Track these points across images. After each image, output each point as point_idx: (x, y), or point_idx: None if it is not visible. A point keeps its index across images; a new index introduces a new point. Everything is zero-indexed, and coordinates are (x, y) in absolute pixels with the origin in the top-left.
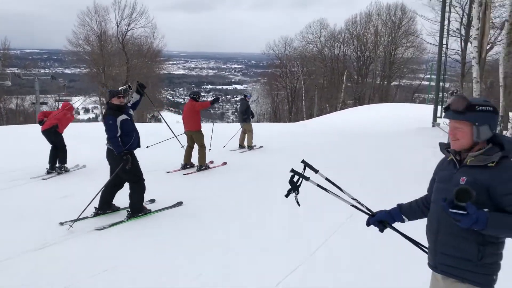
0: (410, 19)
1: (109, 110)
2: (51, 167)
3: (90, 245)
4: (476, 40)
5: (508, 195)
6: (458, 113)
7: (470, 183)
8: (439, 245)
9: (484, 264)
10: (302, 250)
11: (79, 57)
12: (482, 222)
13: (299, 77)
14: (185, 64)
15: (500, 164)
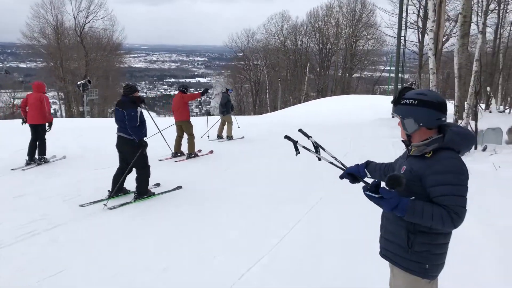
0: (370, 12)
1: (130, 103)
2: (30, 159)
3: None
4: (432, 32)
5: (435, 187)
6: (395, 107)
7: (406, 172)
8: (382, 230)
9: (415, 252)
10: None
11: (35, 50)
12: (402, 209)
13: (263, 69)
14: (147, 57)
15: (435, 155)
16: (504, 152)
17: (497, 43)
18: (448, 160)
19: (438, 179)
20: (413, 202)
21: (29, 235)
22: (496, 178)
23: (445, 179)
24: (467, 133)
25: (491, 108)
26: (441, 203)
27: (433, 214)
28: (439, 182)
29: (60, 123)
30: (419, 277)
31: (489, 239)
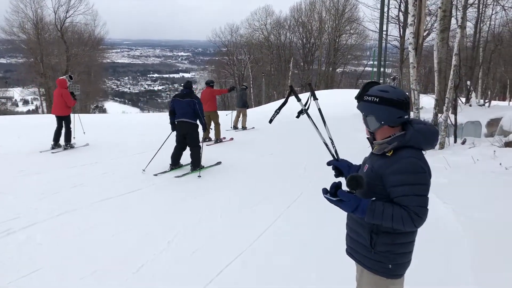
0: (353, 7)
1: (194, 96)
2: (55, 144)
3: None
4: (412, 26)
5: (395, 187)
6: (358, 102)
7: (368, 171)
8: (348, 229)
9: (377, 252)
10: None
11: (15, 46)
12: (362, 211)
13: (247, 64)
14: (130, 52)
15: (396, 154)
16: (482, 145)
17: (477, 37)
18: (408, 159)
19: (397, 179)
20: (372, 204)
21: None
22: (474, 171)
23: (405, 179)
24: (429, 129)
25: (471, 102)
26: (402, 203)
27: (393, 215)
28: (399, 182)
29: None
30: (383, 277)
31: (465, 231)
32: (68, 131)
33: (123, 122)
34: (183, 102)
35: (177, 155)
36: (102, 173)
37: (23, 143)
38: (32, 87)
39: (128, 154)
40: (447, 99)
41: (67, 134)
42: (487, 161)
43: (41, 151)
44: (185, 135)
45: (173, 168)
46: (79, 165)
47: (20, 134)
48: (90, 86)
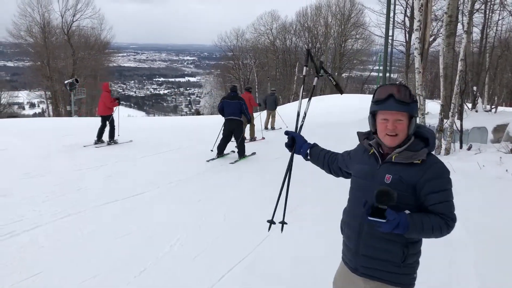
0: (359, 11)
1: (240, 97)
2: (97, 140)
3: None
4: (418, 32)
5: (434, 193)
6: (404, 104)
7: (396, 182)
8: (362, 248)
9: (407, 265)
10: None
11: (22, 49)
12: (404, 226)
13: (252, 69)
14: (136, 56)
15: (426, 160)
16: (488, 151)
17: (483, 43)
18: (438, 165)
19: (433, 185)
20: (411, 217)
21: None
22: (480, 177)
23: (439, 185)
24: (433, 133)
25: (478, 108)
26: (436, 211)
27: (433, 225)
28: (435, 189)
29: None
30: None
31: (470, 237)
32: (112, 129)
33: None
34: (231, 103)
35: (223, 146)
36: (107, 176)
37: (29, 146)
38: (39, 90)
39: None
40: (453, 105)
41: (111, 131)
42: (493, 167)
43: (85, 145)
44: (232, 130)
45: (219, 156)
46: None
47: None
48: (95, 90)
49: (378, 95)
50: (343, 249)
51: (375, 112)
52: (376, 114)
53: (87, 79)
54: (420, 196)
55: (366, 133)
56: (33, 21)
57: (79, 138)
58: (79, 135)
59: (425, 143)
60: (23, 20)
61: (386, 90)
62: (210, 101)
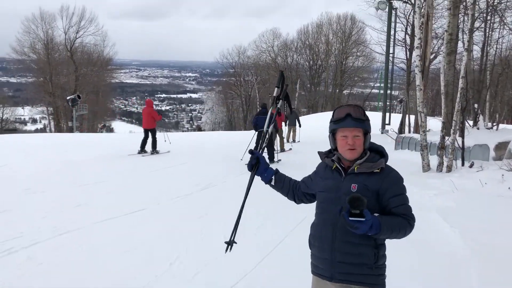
0: (360, 29)
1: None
2: (141, 149)
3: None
4: (419, 49)
5: (395, 196)
6: (359, 121)
7: (361, 189)
8: (337, 255)
9: (378, 266)
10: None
11: (25, 65)
12: (376, 227)
13: (254, 85)
14: (138, 72)
15: (383, 169)
16: (490, 168)
17: (484, 61)
18: (394, 172)
19: (394, 190)
20: (381, 218)
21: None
22: (482, 195)
23: (398, 190)
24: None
25: (479, 125)
26: (399, 212)
27: (399, 224)
28: (395, 193)
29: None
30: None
31: (472, 256)
32: (154, 140)
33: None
34: (264, 118)
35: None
36: (107, 192)
37: (30, 162)
38: (41, 106)
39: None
40: (454, 122)
41: (154, 142)
42: (495, 185)
43: (129, 154)
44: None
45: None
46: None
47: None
48: (98, 106)
49: (337, 115)
50: (313, 262)
51: (334, 131)
52: (336, 132)
53: (89, 95)
54: (383, 200)
55: (326, 152)
56: (36, 38)
57: (79, 153)
58: (80, 150)
59: (380, 156)
60: (26, 36)
61: (344, 110)
62: (212, 117)
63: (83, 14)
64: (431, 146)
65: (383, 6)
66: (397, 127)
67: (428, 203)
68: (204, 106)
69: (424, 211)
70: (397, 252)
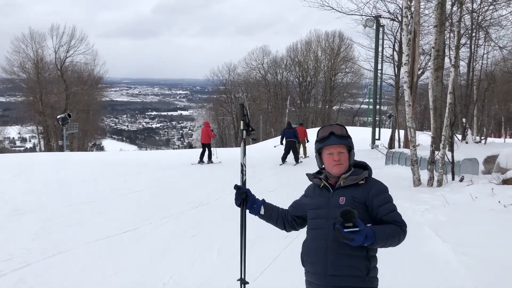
0: (348, 46)
1: (294, 128)
2: (200, 160)
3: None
4: (407, 66)
5: (383, 205)
6: (343, 138)
7: (349, 201)
8: (330, 268)
9: (370, 278)
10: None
11: (15, 84)
12: (371, 237)
13: (244, 102)
14: (128, 90)
15: (368, 181)
16: (480, 182)
17: (470, 76)
18: (379, 182)
19: (381, 199)
20: (374, 228)
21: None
22: (473, 209)
23: (386, 198)
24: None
25: (467, 139)
26: (390, 219)
27: (393, 232)
28: (383, 201)
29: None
30: None
31: (466, 271)
32: (210, 153)
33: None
34: (289, 131)
35: (285, 157)
36: (98, 212)
37: (19, 182)
38: (31, 125)
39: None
40: (444, 137)
41: (209, 154)
42: (486, 198)
43: (192, 163)
44: (290, 147)
45: (282, 164)
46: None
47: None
48: (88, 124)
49: (321, 134)
50: (307, 280)
51: (320, 150)
52: (322, 151)
53: (80, 113)
54: (372, 210)
55: (313, 173)
56: (26, 57)
57: (71, 172)
58: (70, 169)
59: (363, 169)
60: (16, 56)
61: (327, 129)
62: None
63: (73, 33)
64: (421, 160)
65: (371, 24)
66: (387, 142)
67: (419, 217)
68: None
69: (416, 226)
70: (389, 266)
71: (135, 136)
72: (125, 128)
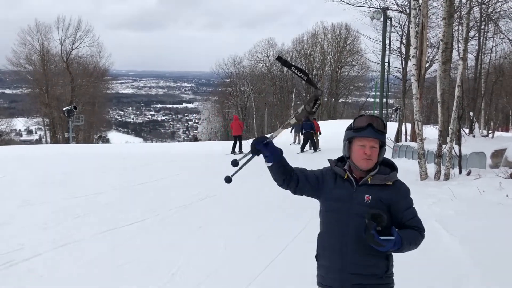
0: (355, 39)
1: (310, 121)
2: (233, 151)
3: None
4: (415, 58)
5: (409, 209)
6: (380, 133)
7: (375, 201)
8: (349, 266)
9: (388, 276)
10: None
11: (21, 76)
12: (398, 243)
13: (249, 95)
14: (134, 83)
15: (395, 183)
16: (488, 176)
17: (478, 69)
18: (405, 186)
19: (406, 203)
20: (400, 233)
21: None
22: (481, 203)
23: (410, 202)
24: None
25: (475, 133)
26: (412, 225)
27: (415, 237)
28: (407, 206)
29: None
30: None
31: (472, 263)
32: (240, 144)
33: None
34: (307, 124)
35: (303, 147)
36: (105, 204)
37: (27, 173)
38: (37, 117)
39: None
40: (451, 130)
41: (240, 145)
42: (493, 192)
43: (226, 153)
44: (308, 137)
45: (301, 152)
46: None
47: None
48: (94, 117)
49: (358, 123)
50: (320, 274)
51: (352, 139)
52: (353, 140)
53: (85, 106)
54: (396, 213)
55: (336, 160)
56: (32, 49)
57: (77, 164)
58: (77, 161)
59: (390, 169)
60: (22, 48)
61: (366, 119)
62: (208, 127)
63: (79, 26)
64: (428, 154)
65: (378, 16)
66: (393, 135)
67: (427, 211)
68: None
69: (423, 219)
70: (396, 260)
71: (140, 128)
72: (130, 121)
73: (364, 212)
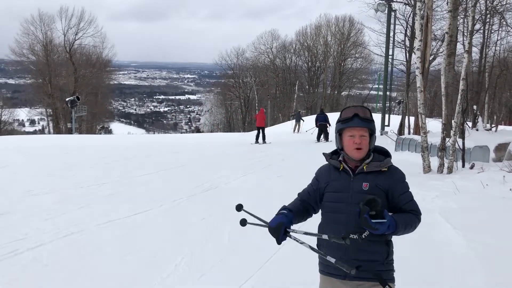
0: (358, 31)
1: (325, 114)
2: (256, 140)
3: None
4: (419, 51)
5: (405, 193)
6: (366, 121)
7: (373, 188)
8: (351, 252)
9: (388, 262)
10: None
11: (24, 67)
12: (392, 226)
13: (252, 87)
14: (136, 74)
15: (390, 168)
16: (491, 170)
17: (482, 62)
18: (400, 171)
19: (402, 187)
20: (395, 217)
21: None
22: (484, 197)
23: (405, 186)
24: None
25: (478, 126)
26: (409, 208)
27: (411, 220)
28: (403, 190)
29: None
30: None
31: (475, 256)
32: (264, 135)
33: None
34: (321, 116)
35: (319, 136)
36: (109, 194)
37: (30, 163)
38: (39, 108)
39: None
40: (455, 123)
41: (264, 136)
42: (497, 186)
43: (251, 143)
44: (322, 129)
45: (317, 142)
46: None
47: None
48: (96, 107)
49: (345, 115)
50: (322, 262)
51: (341, 131)
52: (343, 132)
53: (88, 96)
54: (393, 198)
55: (330, 153)
56: (35, 39)
57: (80, 155)
58: (80, 152)
59: (384, 155)
60: (25, 38)
61: (351, 110)
62: (210, 118)
63: (82, 16)
64: (431, 147)
65: (383, 8)
66: (396, 128)
67: (430, 204)
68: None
69: (426, 213)
70: (400, 252)
71: (143, 119)
72: (133, 112)
73: (363, 200)
